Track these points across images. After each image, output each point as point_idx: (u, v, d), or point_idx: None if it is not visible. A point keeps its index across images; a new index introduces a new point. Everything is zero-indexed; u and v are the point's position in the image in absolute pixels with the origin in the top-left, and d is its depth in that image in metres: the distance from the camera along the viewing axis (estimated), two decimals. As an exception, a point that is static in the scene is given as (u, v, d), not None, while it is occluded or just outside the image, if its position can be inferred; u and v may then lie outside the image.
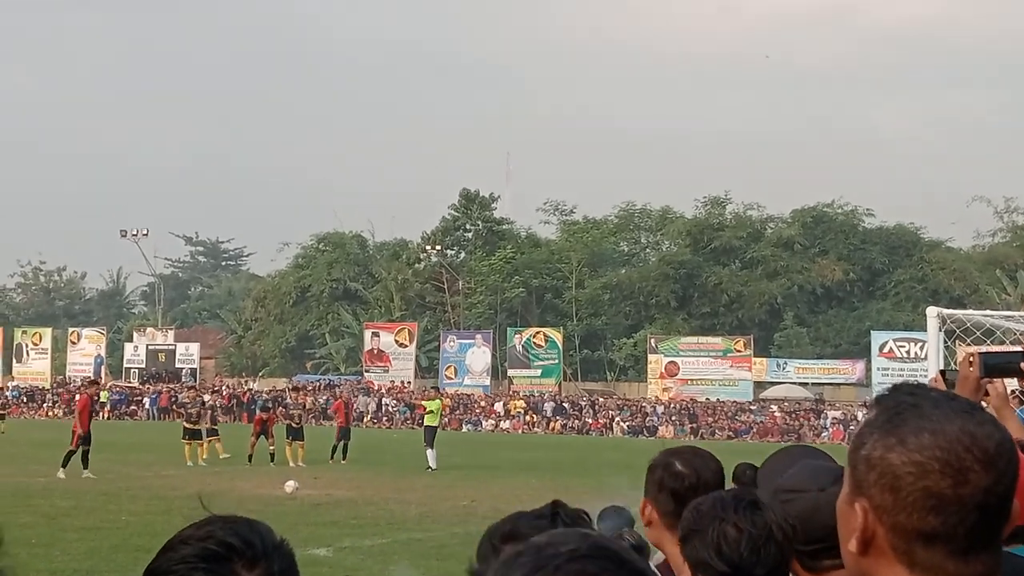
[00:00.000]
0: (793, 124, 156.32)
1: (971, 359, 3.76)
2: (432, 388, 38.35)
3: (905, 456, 1.54)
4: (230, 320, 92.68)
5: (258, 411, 36.49)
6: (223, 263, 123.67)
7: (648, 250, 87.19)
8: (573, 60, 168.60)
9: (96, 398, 29.34)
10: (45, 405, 70.75)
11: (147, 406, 68.12)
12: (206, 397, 52.91)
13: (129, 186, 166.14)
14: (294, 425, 31.56)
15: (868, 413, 1.65)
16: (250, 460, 30.64)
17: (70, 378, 77.18)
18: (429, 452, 30.29)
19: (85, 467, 25.33)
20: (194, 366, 79.62)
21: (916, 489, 1.52)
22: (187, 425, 31.44)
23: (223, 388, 70.11)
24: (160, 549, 1.79)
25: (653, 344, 72.43)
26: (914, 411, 1.57)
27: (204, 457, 31.03)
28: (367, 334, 77.31)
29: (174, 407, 61.22)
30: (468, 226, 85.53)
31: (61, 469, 25.13)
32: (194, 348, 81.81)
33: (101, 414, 64.43)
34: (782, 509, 2.70)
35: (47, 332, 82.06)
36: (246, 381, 77.96)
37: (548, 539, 1.34)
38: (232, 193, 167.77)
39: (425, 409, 32.62)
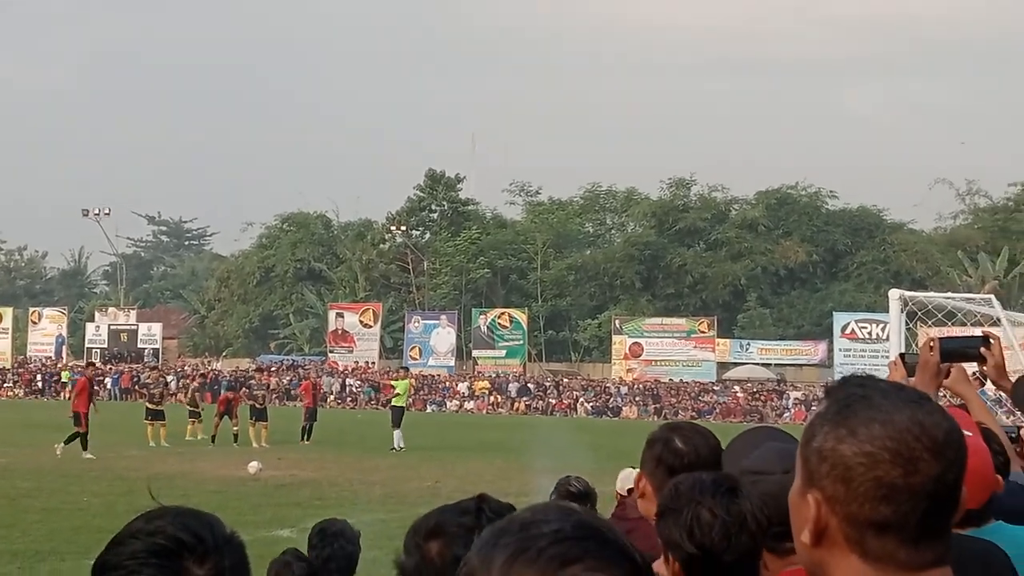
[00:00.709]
0: (759, 107, 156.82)
1: (931, 344, 3.81)
2: (400, 368, 38.14)
3: (856, 447, 1.55)
4: (193, 300, 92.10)
5: (223, 391, 36.21)
6: (186, 243, 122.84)
7: (613, 231, 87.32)
8: (539, 43, 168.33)
9: (93, 380, 29.36)
10: (6, 385, 70.12)
11: (109, 386, 67.61)
12: (169, 377, 52.67)
13: (91, 165, 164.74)
14: (258, 406, 31.46)
15: (819, 405, 1.67)
16: (213, 441, 30.52)
17: (31, 358, 76.52)
18: (396, 432, 30.25)
19: (65, 443, 25.62)
20: (156, 346, 79.05)
21: (867, 479, 1.54)
22: (150, 406, 31.19)
23: (187, 368, 69.74)
24: (109, 542, 1.77)
25: (617, 325, 72.58)
26: (864, 402, 1.58)
27: (200, 432, 31.09)
28: (331, 314, 77.04)
29: (136, 387, 60.84)
30: (433, 207, 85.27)
31: (84, 452, 25.50)
32: (156, 328, 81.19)
33: (62, 395, 64.06)
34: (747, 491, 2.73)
35: (8, 312, 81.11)
36: (209, 361, 77.54)
37: (531, 516, 1.31)
38: (195, 173, 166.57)
39: (393, 389, 32.43)
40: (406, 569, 2.25)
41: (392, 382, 33.90)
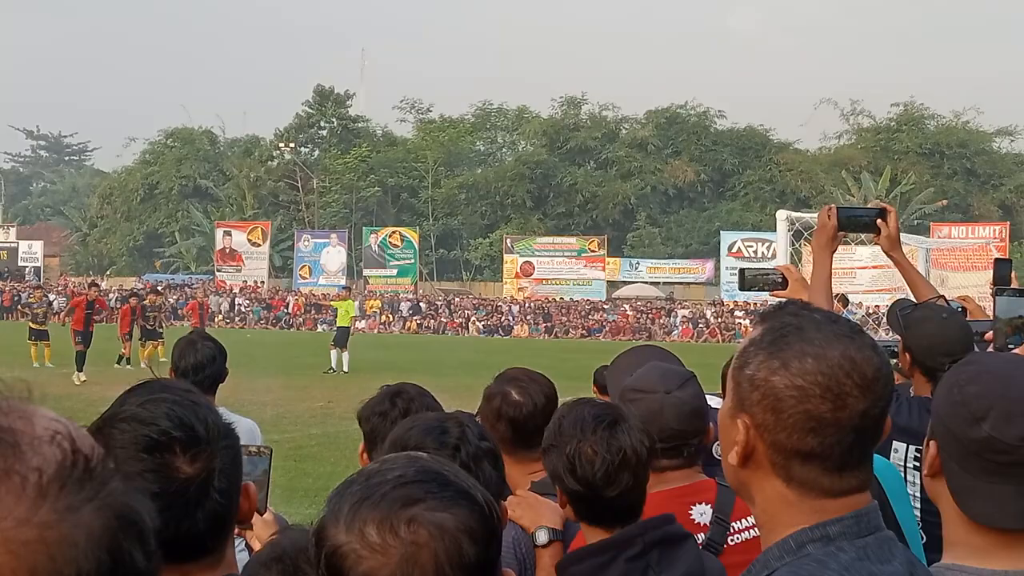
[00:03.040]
0: (649, 26, 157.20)
1: (829, 212, 3.92)
2: (343, 288, 37.92)
3: (788, 380, 1.60)
4: (75, 217, 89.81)
5: (124, 303, 34.43)
6: (66, 158, 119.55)
7: (504, 150, 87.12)
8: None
9: (92, 300, 28.99)
10: None
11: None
12: (51, 296, 51.46)
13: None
14: (148, 326, 30.96)
15: (753, 331, 1.70)
16: (119, 361, 29.96)
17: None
18: (335, 353, 30.16)
19: (79, 370, 25.84)
20: (38, 264, 77.18)
21: (797, 412, 1.59)
22: (33, 325, 30.60)
23: (70, 286, 68.18)
24: (105, 416, 1.75)
25: (509, 244, 72.85)
26: (798, 334, 1.62)
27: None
28: (219, 233, 75.89)
29: (18, 307, 59.46)
30: (323, 123, 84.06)
31: (76, 373, 25.70)
32: (37, 246, 79.19)
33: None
34: (627, 408, 2.80)
35: None
36: (93, 280, 75.90)
37: (378, 466, 1.46)
38: (75, 86, 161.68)
39: (337, 310, 32.45)
40: None
41: (335, 303, 33.77)
